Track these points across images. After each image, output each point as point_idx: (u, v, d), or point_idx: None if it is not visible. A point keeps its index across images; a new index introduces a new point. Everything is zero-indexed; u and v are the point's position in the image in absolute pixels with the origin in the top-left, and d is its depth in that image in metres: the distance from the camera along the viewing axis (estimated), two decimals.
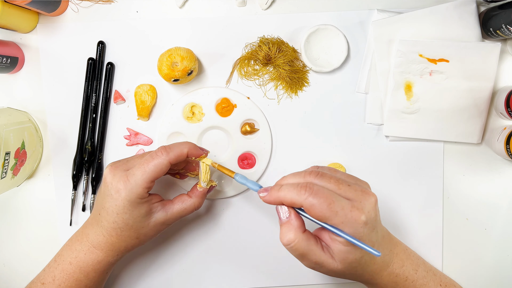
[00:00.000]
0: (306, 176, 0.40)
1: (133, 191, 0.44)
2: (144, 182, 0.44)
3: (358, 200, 0.39)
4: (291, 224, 0.40)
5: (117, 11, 0.57)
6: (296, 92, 0.58)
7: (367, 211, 0.39)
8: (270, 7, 0.57)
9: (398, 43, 0.55)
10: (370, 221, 0.39)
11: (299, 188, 0.39)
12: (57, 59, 0.57)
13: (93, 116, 0.57)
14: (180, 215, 0.49)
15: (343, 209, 0.38)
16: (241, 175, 0.46)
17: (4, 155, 0.49)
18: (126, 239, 0.47)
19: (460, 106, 0.55)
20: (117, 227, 0.46)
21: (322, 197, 0.38)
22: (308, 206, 0.38)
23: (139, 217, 0.46)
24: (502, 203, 0.58)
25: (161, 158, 0.45)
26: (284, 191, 0.39)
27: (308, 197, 0.38)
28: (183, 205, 0.49)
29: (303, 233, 0.40)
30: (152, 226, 0.47)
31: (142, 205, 0.46)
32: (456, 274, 0.58)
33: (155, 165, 0.44)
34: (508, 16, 0.49)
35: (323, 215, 0.38)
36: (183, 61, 0.52)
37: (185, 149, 0.46)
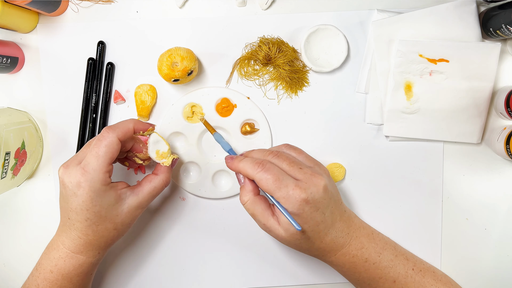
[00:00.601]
0: (266, 154, 0.46)
1: (94, 180, 0.43)
2: (102, 167, 0.44)
3: (304, 181, 0.44)
4: (245, 188, 0.47)
5: (117, 11, 0.57)
6: (296, 92, 0.58)
7: (310, 192, 0.43)
8: (270, 7, 0.57)
9: (398, 43, 0.55)
10: (313, 201, 0.43)
11: (254, 163, 0.44)
12: (57, 59, 0.57)
13: (93, 116, 0.57)
14: (152, 194, 0.48)
15: (286, 187, 0.43)
16: (219, 135, 0.54)
17: (4, 155, 0.49)
18: (103, 233, 0.46)
19: (460, 106, 0.55)
20: (91, 224, 0.45)
21: (270, 174, 0.43)
22: (258, 179, 0.44)
23: (110, 206, 0.45)
24: (502, 203, 0.58)
25: (109, 137, 0.44)
26: (242, 163, 0.46)
27: (259, 172, 0.44)
28: (152, 184, 0.49)
29: (255, 196, 0.46)
30: (127, 212, 0.47)
31: (109, 192, 0.45)
32: (456, 274, 0.58)
33: (106, 145, 0.44)
34: (508, 16, 0.49)
35: (268, 189, 0.43)
36: (183, 61, 0.52)
37: (130, 124, 0.47)
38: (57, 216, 0.58)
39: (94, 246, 0.47)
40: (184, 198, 0.58)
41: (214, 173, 0.57)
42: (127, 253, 0.58)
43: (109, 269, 0.58)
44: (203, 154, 0.58)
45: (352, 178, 0.58)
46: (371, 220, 0.58)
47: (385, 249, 0.50)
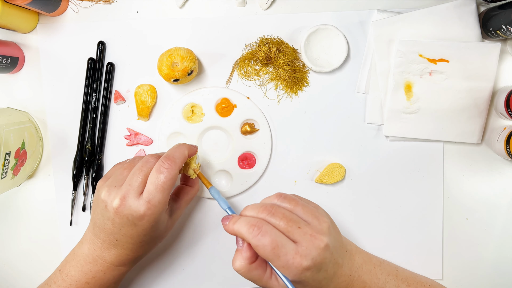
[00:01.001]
0: (260, 211, 0.42)
1: (159, 212, 0.44)
2: (167, 200, 0.44)
3: (305, 245, 0.40)
4: (241, 254, 0.42)
5: (117, 11, 0.57)
6: (296, 92, 0.58)
7: (311, 257, 0.40)
8: (270, 7, 0.57)
9: (398, 43, 0.55)
10: (314, 265, 0.40)
11: (249, 225, 0.41)
12: (57, 59, 0.57)
13: (93, 116, 0.57)
14: (187, 204, 0.52)
15: (286, 255, 0.39)
16: (216, 190, 0.49)
17: (4, 155, 0.49)
18: (152, 247, 0.49)
19: (460, 106, 0.55)
20: (145, 244, 0.47)
21: (268, 239, 0.40)
22: (255, 245, 0.40)
23: (163, 225, 0.47)
24: (502, 203, 0.58)
25: (172, 170, 0.44)
26: (238, 225, 0.42)
27: (255, 236, 0.40)
28: (190, 196, 0.51)
29: (250, 264, 0.42)
30: (172, 224, 0.50)
31: (165, 216, 0.47)
32: (456, 274, 0.58)
33: (171, 179, 0.44)
34: (508, 16, 0.49)
35: (266, 256, 0.40)
36: (183, 61, 0.52)
37: (186, 151, 0.47)
38: (57, 216, 0.58)
39: (141, 257, 0.49)
40: None
41: (214, 173, 0.57)
42: None
43: None
44: (203, 154, 0.58)
45: (352, 178, 0.58)
46: (371, 220, 0.58)
47: (387, 282, 0.49)
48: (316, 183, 0.58)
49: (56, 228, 0.58)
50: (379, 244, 0.58)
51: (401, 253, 0.58)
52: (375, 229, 0.58)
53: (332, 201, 0.58)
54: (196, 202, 0.58)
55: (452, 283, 0.58)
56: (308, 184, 0.58)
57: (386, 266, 0.51)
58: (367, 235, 0.58)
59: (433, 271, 0.58)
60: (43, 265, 0.58)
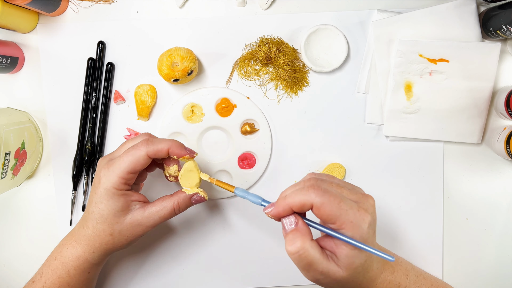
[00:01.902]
0: (307, 182, 0.39)
1: (109, 179, 0.44)
2: (120, 172, 0.44)
3: (362, 201, 0.40)
4: (298, 231, 0.38)
5: (117, 11, 0.57)
6: (296, 92, 0.58)
7: (371, 212, 0.39)
8: (270, 7, 0.57)
9: (398, 43, 0.55)
10: (373, 222, 0.40)
11: (306, 189, 0.38)
12: (57, 59, 0.57)
13: (93, 116, 0.57)
14: (159, 214, 0.46)
15: (351, 208, 0.38)
16: (241, 189, 0.45)
17: (4, 155, 0.49)
18: (100, 234, 0.46)
19: (460, 106, 0.55)
20: (93, 218, 0.46)
21: (331, 196, 0.37)
22: (319, 204, 0.37)
23: (114, 210, 0.45)
24: (502, 203, 0.58)
25: (140, 150, 0.44)
26: (291, 197, 0.38)
27: (317, 196, 0.37)
28: (163, 204, 0.46)
29: (311, 241, 0.38)
30: (128, 224, 0.46)
31: (118, 198, 0.45)
32: (456, 274, 0.58)
33: (133, 155, 0.44)
34: (508, 16, 0.49)
35: (333, 213, 0.37)
36: (183, 61, 0.52)
37: (165, 146, 0.45)
38: (57, 216, 0.58)
39: (90, 241, 0.47)
40: None
41: (214, 173, 0.57)
42: (127, 254, 0.58)
43: (108, 269, 0.58)
44: (203, 154, 0.58)
45: (352, 178, 0.58)
46: None
47: (408, 270, 0.49)
48: None
49: (56, 228, 0.58)
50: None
51: (401, 253, 0.58)
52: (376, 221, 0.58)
53: None
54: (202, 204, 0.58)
55: (452, 283, 0.58)
56: None
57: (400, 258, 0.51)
58: None
59: (433, 270, 0.58)
60: None
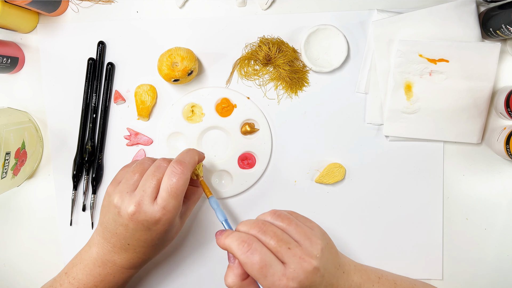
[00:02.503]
0: (252, 227, 0.41)
1: (172, 217, 0.44)
2: (180, 206, 0.45)
3: (293, 267, 0.39)
4: (233, 270, 0.41)
5: (117, 11, 0.57)
6: (296, 92, 0.58)
7: (298, 281, 0.39)
8: (270, 7, 0.57)
9: (398, 43, 0.55)
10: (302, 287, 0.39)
11: (240, 241, 0.40)
12: (57, 59, 0.57)
13: (93, 116, 0.57)
14: (195, 203, 0.52)
15: (273, 275, 0.38)
16: (215, 200, 0.48)
17: (4, 155, 0.49)
18: (162, 249, 0.49)
19: (460, 106, 0.55)
20: (156, 246, 0.47)
21: (257, 258, 0.39)
22: (243, 262, 0.39)
23: (175, 228, 0.48)
24: (502, 203, 0.58)
25: (184, 175, 0.44)
26: (229, 240, 0.41)
27: (245, 252, 0.39)
28: (197, 196, 0.52)
29: (242, 281, 0.41)
30: (181, 225, 0.50)
31: (177, 219, 0.47)
32: (456, 274, 0.58)
33: (183, 184, 0.44)
34: (508, 16, 0.49)
35: (253, 275, 0.39)
36: (183, 61, 0.52)
37: (196, 157, 0.48)
38: (57, 216, 0.58)
39: (150, 260, 0.49)
40: None
41: (214, 173, 0.58)
42: None
43: None
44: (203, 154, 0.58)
45: (352, 178, 0.58)
46: (371, 220, 0.58)
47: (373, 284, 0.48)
48: (316, 183, 0.58)
49: (56, 228, 0.58)
50: (379, 244, 0.58)
51: (401, 253, 0.58)
52: (375, 229, 0.58)
53: (332, 201, 0.58)
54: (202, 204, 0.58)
55: (452, 283, 0.58)
56: (308, 184, 0.58)
57: (384, 281, 0.50)
58: (367, 235, 0.58)
59: (433, 271, 0.58)
60: (43, 265, 0.58)
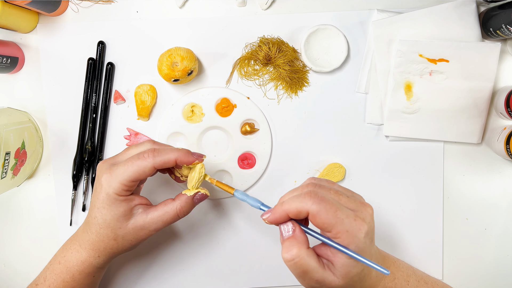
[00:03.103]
0: (305, 187, 0.40)
1: (111, 186, 0.44)
2: (123, 180, 0.43)
3: (360, 210, 0.39)
4: (295, 239, 0.39)
5: (117, 11, 0.57)
6: (296, 92, 0.58)
7: (368, 222, 0.39)
8: (270, 7, 0.57)
9: (398, 43, 0.55)
10: (370, 231, 0.39)
11: (303, 196, 0.38)
12: (57, 59, 0.57)
13: (93, 116, 0.57)
14: (162, 219, 0.45)
15: (348, 217, 0.37)
16: (241, 191, 0.45)
17: (4, 155, 0.49)
18: (104, 239, 0.46)
19: (460, 106, 0.55)
20: (96, 223, 0.45)
21: (328, 204, 0.37)
22: (315, 212, 0.37)
23: (116, 216, 0.44)
24: (502, 203, 0.58)
25: (146, 161, 0.43)
26: (288, 203, 0.38)
27: (313, 204, 0.37)
28: (165, 208, 0.45)
29: (307, 249, 0.38)
30: (131, 229, 0.45)
31: (120, 203, 0.44)
32: (456, 274, 0.58)
33: (138, 166, 0.43)
34: (508, 16, 0.49)
35: (329, 221, 0.37)
36: (183, 61, 0.52)
37: (173, 157, 0.44)
38: (57, 216, 0.58)
39: (95, 246, 0.47)
40: None
41: (214, 173, 0.57)
42: (127, 254, 0.58)
43: (111, 273, 0.58)
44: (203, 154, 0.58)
45: (352, 178, 0.58)
46: None
47: (409, 276, 0.48)
48: None
49: (56, 228, 0.58)
50: (379, 244, 0.58)
51: (401, 253, 0.58)
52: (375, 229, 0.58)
53: None
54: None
55: (452, 283, 0.58)
56: None
57: (402, 262, 0.50)
58: None
59: (433, 271, 0.58)
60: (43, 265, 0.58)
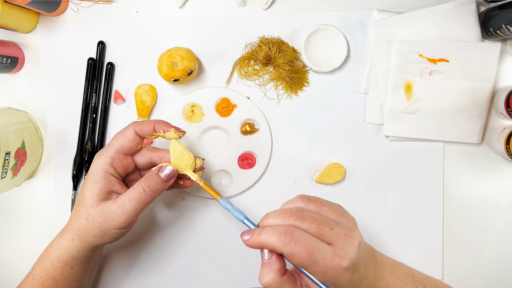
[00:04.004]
0: (287, 217, 0.39)
1: (100, 161, 0.45)
2: (111, 151, 0.45)
3: (340, 245, 0.38)
4: (270, 266, 0.39)
5: (117, 11, 0.57)
6: (296, 92, 0.58)
7: (349, 257, 0.38)
8: (270, 7, 0.57)
9: (398, 43, 0.55)
10: (352, 265, 0.38)
11: (279, 234, 0.38)
12: (57, 59, 0.57)
13: (93, 116, 0.57)
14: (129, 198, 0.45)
15: (324, 258, 0.37)
16: (226, 199, 0.45)
17: (4, 155, 0.49)
18: (78, 217, 0.45)
19: (460, 106, 0.55)
20: (77, 202, 0.46)
21: (302, 246, 0.37)
22: (289, 254, 0.37)
23: (92, 192, 0.45)
24: (502, 203, 0.58)
25: (127, 129, 0.46)
26: (265, 236, 0.38)
27: (288, 244, 0.37)
28: (132, 189, 0.45)
29: (282, 276, 0.39)
30: (100, 210, 0.45)
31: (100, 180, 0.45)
32: (456, 274, 0.58)
33: (122, 133, 0.46)
34: (508, 16, 0.49)
35: (303, 264, 0.37)
36: (183, 61, 0.52)
37: (151, 123, 0.46)
38: (57, 216, 0.58)
39: (70, 227, 0.46)
40: (184, 198, 0.58)
41: (214, 173, 0.58)
42: (127, 253, 0.58)
43: (107, 269, 0.58)
44: (203, 154, 0.58)
45: (352, 178, 0.58)
46: (371, 220, 0.58)
47: (406, 282, 0.48)
48: (316, 183, 0.58)
49: (56, 228, 0.58)
50: (379, 245, 0.58)
51: (401, 253, 0.58)
52: (375, 229, 0.58)
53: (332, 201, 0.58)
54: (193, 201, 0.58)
55: (452, 283, 0.58)
56: (308, 184, 0.58)
57: (402, 267, 0.50)
58: (367, 235, 0.58)
59: (433, 271, 0.58)
60: None
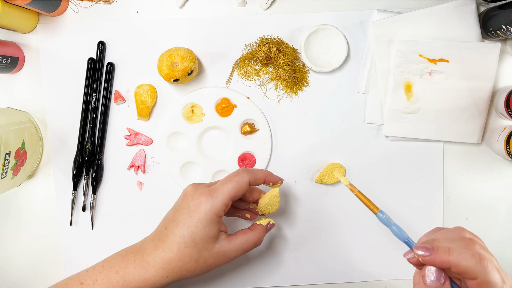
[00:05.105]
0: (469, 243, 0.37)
1: (214, 206, 0.44)
2: (224, 198, 0.45)
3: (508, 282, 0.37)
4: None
5: (117, 11, 0.57)
6: (296, 92, 0.58)
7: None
8: (270, 7, 0.57)
9: (398, 43, 0.55)
10: None
11: (478, 258, 0.35)
12: (57, 59, 0.57)
13: (93, 116, 0.57)
14: (242, 247, 0.47)
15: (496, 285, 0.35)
16: (386, 215, 0.44)
17: (4, 155, 0.49)
18: (184, 258, 0.45)
19: (460, 106, 0.55)
20: (181, 242, 0.44)
21: (498, 275, 0.35)
22: (485, 281, 0.34)
23: (207, 236, 0.45)
24: (502, 203, 0.58)
25: (242, 176, 0.46)
26: (456, 256, 0.35)
27: (488, 271, 0.34)
28: (246, 237, 0.48)
29: None
30: (214, 253, 0.46)
31: (215, 225, 0.45)
32: None
33: (237, 181, 0.46)
34: (508, 16, 0.49)
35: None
36: (183, 61, 0.52)
37: (263, 175, 0.48)
38: (57, 216, 0.58)
39: (169, 266, 0.45)
40: None
41: (214, 173, 0.58)
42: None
43: None
44: (203, 154, 0.58)
45: (352, 178, 0.58)
46: (371, 220, 0.58)
47: None
48: (316, 183, 0.58)
49: (56, 228, 0.58)
50: (379, 244, 0.58)
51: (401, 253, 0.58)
52: (375, 229, 0.58)
53: (332, 201, 0.58)
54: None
55: None
56: (308, 184, 0.58)
57: None
58: (367, 235, 0.58)
59: None
60: (43, 265, 0.58)
